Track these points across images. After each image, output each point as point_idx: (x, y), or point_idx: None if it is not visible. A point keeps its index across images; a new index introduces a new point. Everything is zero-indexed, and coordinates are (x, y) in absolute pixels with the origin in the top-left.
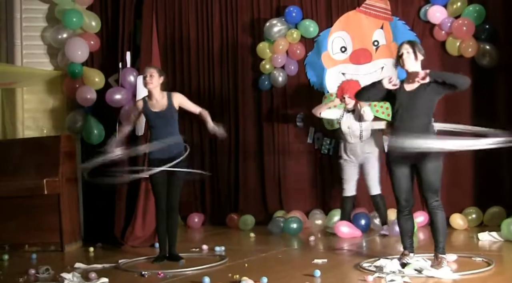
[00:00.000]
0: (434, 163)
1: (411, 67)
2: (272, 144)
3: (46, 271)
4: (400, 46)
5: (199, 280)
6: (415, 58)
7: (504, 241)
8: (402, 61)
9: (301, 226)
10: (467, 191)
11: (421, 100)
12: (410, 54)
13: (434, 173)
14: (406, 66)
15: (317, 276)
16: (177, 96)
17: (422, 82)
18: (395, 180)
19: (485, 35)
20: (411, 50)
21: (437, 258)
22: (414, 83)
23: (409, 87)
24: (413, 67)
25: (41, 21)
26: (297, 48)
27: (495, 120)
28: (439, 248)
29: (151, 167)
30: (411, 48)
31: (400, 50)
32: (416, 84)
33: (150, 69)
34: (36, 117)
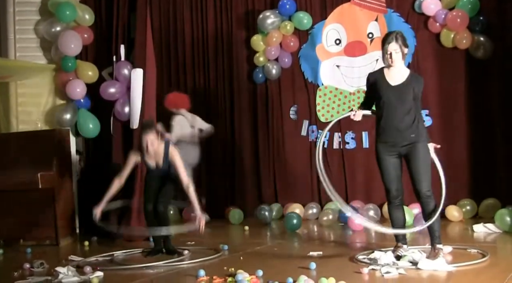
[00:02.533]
0: (423, 153)
1: (399, 65)
2: (267, 137)
3: (41, 265)
4: (387, 43)
5: (195, 273)
6: (402, 57)
7: (499, 232)
8: (391, 60)
9: (300, 222)
10: (462, 183)
11: (406, 97)
12: (398, 53)
13: (423, 163)
14: (394, 65)
15: (313, 268)
16: (173, 152)
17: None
18: (384, 170)
19: (479, 27)
20: (399, 50)
21: (434, 249)
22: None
23: (393, 81)
24: (400, 64)
25: (34, 15)
26: (290, 40)
27: (489, 111)
28: (435, 238)
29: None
30: (399, 47)
31: (388, 49)
32: (402, 79)
33: (148, 135)
34: (30, 111)
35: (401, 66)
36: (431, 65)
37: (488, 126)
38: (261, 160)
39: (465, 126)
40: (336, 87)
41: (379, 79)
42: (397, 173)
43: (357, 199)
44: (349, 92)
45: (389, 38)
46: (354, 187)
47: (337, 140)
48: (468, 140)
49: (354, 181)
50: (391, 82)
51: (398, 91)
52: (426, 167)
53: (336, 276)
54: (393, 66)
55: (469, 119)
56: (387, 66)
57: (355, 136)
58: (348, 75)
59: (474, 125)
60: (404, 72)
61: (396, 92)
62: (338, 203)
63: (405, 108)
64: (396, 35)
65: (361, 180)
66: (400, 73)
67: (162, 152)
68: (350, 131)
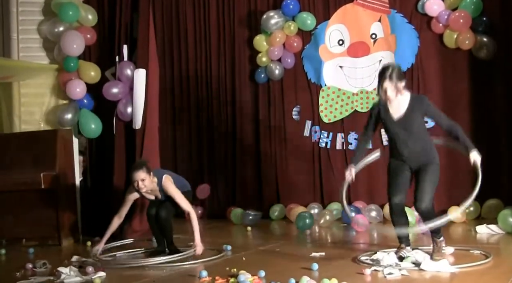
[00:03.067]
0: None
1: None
2: (269, 137)
3: (44, 266)
4: (382, 81)
5: (197, 273)
6: (398, 91)
7: (502, 233)
8: (389, 100)
9: (312, 221)
10: (465, 185)
11: (415, 126)
12: (393, 91)
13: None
14: (391, 101)
15: (315, 269)
16: (165, 184)
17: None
18: (393, 180)
19: (482, 28)
20: (393, 87)
21: (436, 243)
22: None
23: (395, 113)
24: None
25: (37, 15)
26: (294, 40)
27: (492, 111)
28: (434, 233)
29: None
30: (394, 85)
31: (384, 85)
32: (403, 110)
33: (138, 173)
34: (33, 111)
35: (401, 97)
36: (434, 66)
37: (491, 127)
38: (263, 160)
39: (468, 126)
40: (339, 88)
41: (382, 113)
42: (405, 184)
43: (360, 199)
44: (352, 92)
45: (384, 75)
46: (356, 188)
47: (340, 141)
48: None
49: (356, 182)
50: (395, 115)
51: (403, 123)
52: (431, 187)
53: (339, 277)
54: (391, 102)
55: (472, 119)
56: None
57: (358, 137)
58: (351, 76)
59: (477, 126)
60: (405, 99)
61: (401, 125)
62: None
63: (413, 136)
64: (391, 73)
65: (364, 181)
66: (402, 102)
67: (157, 187)
68: (353, 131)
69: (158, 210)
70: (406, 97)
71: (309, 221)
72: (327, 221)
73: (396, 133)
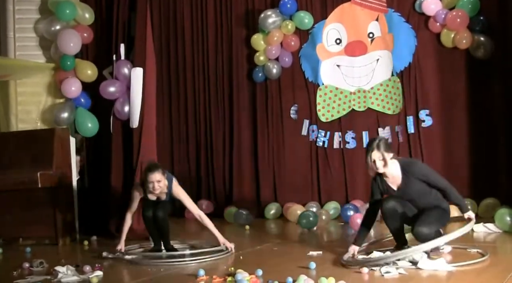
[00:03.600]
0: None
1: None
2: (267, 136)
3: (41, 265)
4: (370, 151)
5: (195, 272)
6: (386, 163)
7: (499, 232)
8: (375, 166)
9: (316, 220)
10: (463, 183)
11: (415, 192)
12: (381, 161)
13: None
14: (380, 171)
15: (312, 268)
16: (175, 189)
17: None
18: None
19: (480, 27)
20: (381, 158)
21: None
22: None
23: (394, 184)
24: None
25: (34, 13)
26: (291, 39)
27: (489, 110)
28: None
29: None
30: (381, 155)
31: (372, 157)
32: (399, 180)
33: (154, 175)
34: (29, 110)
35: (391, 168)
36: (431, 65)
37: (488, 126)
38: (261, 159)
39: (466, 125)
40: (336, 87)
41: (384, 187)
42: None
43: (357, 198)
44: (349, 91)
45: (371, 146)
46: (354, 187)
47: (337, 140)
48: (469, 139)
49: (354, 181)
50: (394, 186)
51: (404, 193)
52: (437, 216)
53: (336, 276)
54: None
55: (469, 118)
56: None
57: (356, 136)
58: (348, 75)
59: (474, 125)
60: (397, 170)
61: (403, 193)
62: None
63: (417, 198)
64: (378, 143)
65: (361, 180)
66: (395, 173)
67: (166, 190)
68: (351, 130)
69: (154, 211)
70: (396, 166)
71: (312, 219)
72: (324, 220)
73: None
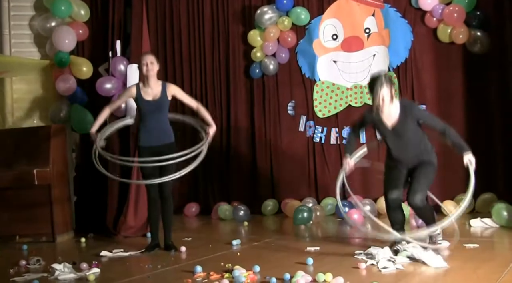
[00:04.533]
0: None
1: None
2: (264, 132)
3: (37, 262)
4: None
5: (191, 269)
6: (392, 98)
7: (496, 227)
8: (382, 106)
9: (311, 215)
10: (460, 178)
11: (408, 133)
12: (388, 97)
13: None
14: (385, 108)
15: (310, 264)
16: (171, 87)
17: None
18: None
19: (476, 22)
20: (389, 95)
21: (431, 238)
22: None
23: (389, 121)
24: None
25: (29, 10)
26: (288, 35)
27: (486, 106)
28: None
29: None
30: (389, 91)
31: (380, 94)
32: (395, 118)
33: (149, 56)
34: (25, 107)
35: (391, 104)
36: (428, 60)
37: (485, 121)
38: (258, 155)
39: (462, 121)
40: (333, 83)
41: (376, 122)
42: (401, 181)
43: (354, 194)
44: (346, 87)
45: (379, 82)
46: (351, 182)
47: (334, 135)
48: (465, 134)
49: (351, 176)
50: (388, 122)
51: (397, 131)
52: (426, 184)
53: (334, 272)
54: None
55: (466, 113)
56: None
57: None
58: (345, 70)
59: (471, 120)
60: (395, 108)
61: (395, 132)
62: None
63: (409, 143)
64: (385, 78)
65: (358, 176)
66: (392, 110)
67: (160, 90)
68: (347, 126)
69: (160, 191)
70: (396, 104)
71: (307, 215)
72: (321, 216)
73: (391, 141)
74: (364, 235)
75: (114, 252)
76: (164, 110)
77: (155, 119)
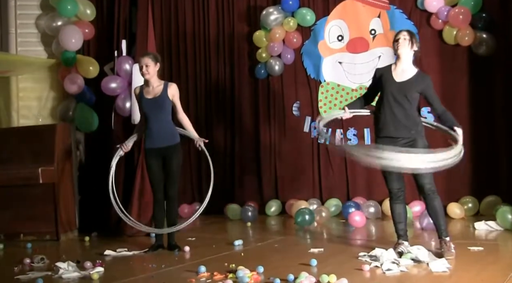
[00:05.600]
0: (423, 148)
1: (404, 53)
2: (269, 133)
3: (41, 261)
4: (399, 32)
5: (195, 269)
6: (410, 46)
7: (500, 230)
8: (397, 45)
9: (313, 218)
10: (464, 181)
11: (408, 94)
12: (406, 40)
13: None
14: (399, 50)
15: (314, 265)
16: (173, 87)
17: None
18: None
19: (482, 24)
20: (408, 37)
21: (445, 243)
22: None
23: (398, 77)
24: (406, 53)
25: (35, 9)
26: (293, 36)
27: (491, 108)
28: (442, 231)
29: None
30: (409, 35)
31: (398, 35)
32: (408, 76)
33: (144, 59)
34: (31, 105)
35: (409, 63)
36: (433, 62)
37: (490, 123)
38: (262, 156)
39: (467, 123)
40: (338, 84)
41: (385, 74)
42: (399, 172)
43: (359, 195)
44: (351, 88)
45: (402, 30)
46: (355, 184)
47: (338, 137)
48: (470, 137)
49: (355, 178)
50: (397, 78)
51: (402, 88)
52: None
53: (337, 273)
54: (400, 58)
55: (471, 115)
56: (394, 62)
57: (357, 133)
58: (350, 72)
59: (476, 122)
60: (411, 71)
61: (400, 89)
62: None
63: (407, 105)
64: (409, 29)
65: (363, 177)
66: (407, 70)
67: (161, 89)
68: (352, 127)
69: (165, 191)
70: (413, 69)
71: (308, 217)
72: (325, 217)
73: (392, 94)
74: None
75: (118, 251)
76: (165, 109)
77: (156, 119)
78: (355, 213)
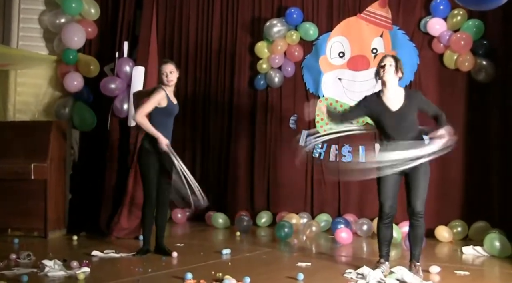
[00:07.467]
0: (425, 170)
1: (390, 80)
2: (264, 144)
3: (28, 257)
4: (384, 57)
5: (182, 275)
6: (395, 72)
7: (487, 256)
8: (383, 72)
9: (291, 231)
10: (455, 205)
11: (408, 118)
12: (392, 67)
13: (424, 181)
14: (385, 77)
15: (300, 279)
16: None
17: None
18: (383, 185)
19: (483, 51)
20: (393, 64)
21: (415, 266)
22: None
23: (392, 105)
24: (391, 80)
25: (39, 4)
26: (295, 49)
27: (486, 134)
28: (416, 256)
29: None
30: (395, 62)
31: (384, 61)
32: (400, 103)
33: (168, 65)
34: (28, 101)
35: (396, 86)
36: (432, 85)
37: (484, 150)
38: (256, 166)
39: (462, 147)
40: (336, 100)
41: (378, 105)
42: (395, 189)
43: (350, 212)
44: (349, 105)
45: (387, 56)
46: (347, 201)
47: (333, 153)
48: (464, 161)
49: (348, 195)
50: (392, 107)
51: (400, 116)
52: (425, 184)
53: None
54: (385, 85)
55: (466, 140)
56: (381, 90)
57: (352, 150)
58: (349, 88)
59: (470, 148)
60: (400, 93)
61: (398, 117)
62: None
63: (408, 127)
64: (394, 55)
65: (355, 194)
66: (397, 94)
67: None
68: (347, 144)
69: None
70: (401, 91)
71: (288, 230)
72: (315, 231)
73: (392, 123)
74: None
75: (105, 253)
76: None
77: (168, 124)
78: (342, 230)
